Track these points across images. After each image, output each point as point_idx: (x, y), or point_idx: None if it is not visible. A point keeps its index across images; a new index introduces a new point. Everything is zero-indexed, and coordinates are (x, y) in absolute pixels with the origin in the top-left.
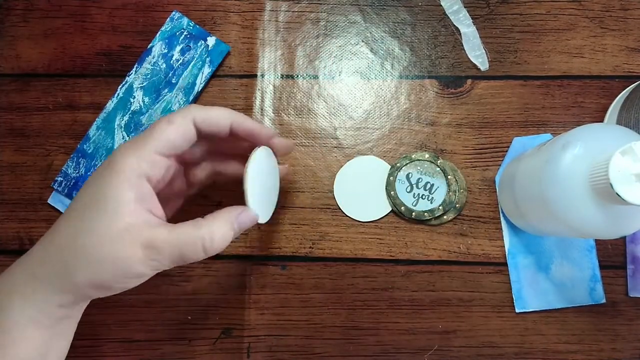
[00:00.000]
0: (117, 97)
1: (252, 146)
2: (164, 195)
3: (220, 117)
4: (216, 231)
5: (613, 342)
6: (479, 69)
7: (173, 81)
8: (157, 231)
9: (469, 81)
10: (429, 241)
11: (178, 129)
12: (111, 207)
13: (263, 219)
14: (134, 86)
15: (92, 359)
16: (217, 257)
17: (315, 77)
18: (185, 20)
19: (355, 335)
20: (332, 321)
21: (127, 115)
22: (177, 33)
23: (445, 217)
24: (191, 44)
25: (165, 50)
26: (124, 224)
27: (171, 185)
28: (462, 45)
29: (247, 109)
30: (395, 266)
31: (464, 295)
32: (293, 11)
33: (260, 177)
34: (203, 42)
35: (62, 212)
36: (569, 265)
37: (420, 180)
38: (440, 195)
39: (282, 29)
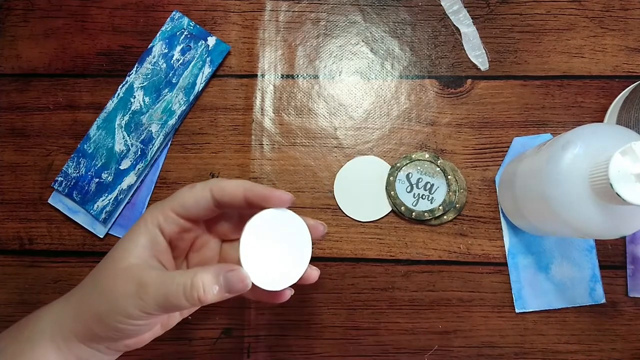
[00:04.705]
0: (117, 97)
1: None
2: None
3: (232, 187)
4: (198, 280)
5: (613, 342)
6: (479, 69)
7: (173, 81)
8: (150, 272)
9: (469, 81)
10: (429, 241)
11: (194, 194)
12: (127, 248)
13: (267, 284)
14: (135, 86)
15: None
16: None
17: (316, 77)
18: (185, 20)
19: (355, 335)
20: (332, 321)
21: (128, 115)
22: (178, 33)
23: (445, 217)
24: (191, 44)
25: (166, 50)
26: (127, 263)
27: (198, 250)
28: (462, 45)
29: (247, 109)
30: (396, 266)
31: (464, 295)
32: (293, 11)
33: (265, 240)
34: (203, 42)
35: (62, 212)
36: (569, 265)
37: (420, 180)
38: (440, 195)
39: (282, 29)
